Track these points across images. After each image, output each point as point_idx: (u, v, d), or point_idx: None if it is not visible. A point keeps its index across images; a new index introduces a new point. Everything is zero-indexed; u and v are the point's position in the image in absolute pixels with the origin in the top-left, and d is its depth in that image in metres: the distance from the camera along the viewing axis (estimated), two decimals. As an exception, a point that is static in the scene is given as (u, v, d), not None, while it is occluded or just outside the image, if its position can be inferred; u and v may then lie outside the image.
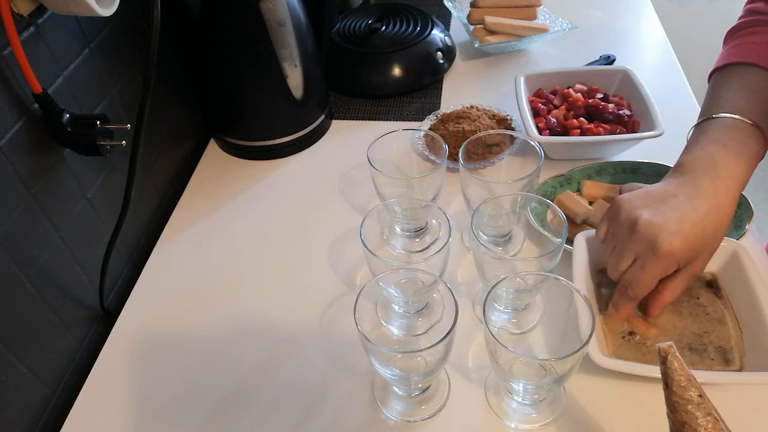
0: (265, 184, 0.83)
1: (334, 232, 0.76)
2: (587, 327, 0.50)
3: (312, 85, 0.85)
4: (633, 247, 0.55)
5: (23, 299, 0.55)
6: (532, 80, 0.87)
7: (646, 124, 0.78)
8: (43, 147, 0.57)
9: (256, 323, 0.66)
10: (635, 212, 0.55)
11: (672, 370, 0.42)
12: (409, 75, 0.95)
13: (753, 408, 0.56)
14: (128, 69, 0.71)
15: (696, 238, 0.53)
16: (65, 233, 0.61)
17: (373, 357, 0.52)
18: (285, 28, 0.77)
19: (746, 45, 0.64)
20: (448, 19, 1.14)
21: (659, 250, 0.53)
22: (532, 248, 0.71)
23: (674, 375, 0.42)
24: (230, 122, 0.86)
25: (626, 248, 0.55)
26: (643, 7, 1.14)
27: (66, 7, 0.52)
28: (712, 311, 0.60)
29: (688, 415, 0.41)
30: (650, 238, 0.53)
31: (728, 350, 0.57)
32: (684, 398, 0.41)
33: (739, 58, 0.63)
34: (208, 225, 0.78)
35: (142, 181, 0.76)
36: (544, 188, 0.74)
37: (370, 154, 0.68)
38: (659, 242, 0.52)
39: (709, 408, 0.41)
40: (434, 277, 0.57)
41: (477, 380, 0.59)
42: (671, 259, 0.53)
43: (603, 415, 0.56)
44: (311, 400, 0.59)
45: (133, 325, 0.67)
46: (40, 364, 0.58)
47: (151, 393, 0.61)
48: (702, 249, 0.54)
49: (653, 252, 0.53)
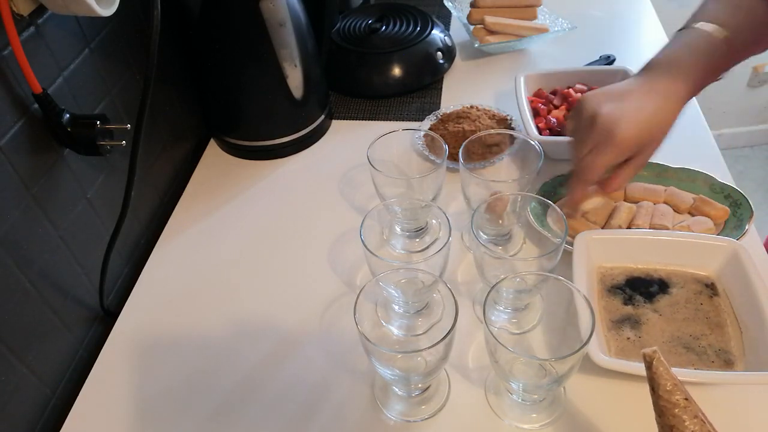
0: (265, 184, 0.83)
1: (334, 232, 0.76)
2: (587, 327, 0.50)
3: (312, 85, 0.85)
4: (592, 137, 0.60)
5: (23, 299, 0.55)
6: (532, 80, 0.87)
7: (646, 124, 0.78)
8: (43, 147, 0.57)
9: (256, 323, 0.66)
10: (596, 107, 0.60)
11: (658, 374, 0.43)
12: (409, 75, 0.95)
13: (753, 408, 0.56)
14: (128, 69, 0.71)
15: (648, 128, 0.59)
16: (65, 233, 0.61)
17: (373, 357, 0.52)
18: (285, 28, 0.77)
19: None
20: (448, 19, 1.14)
21: (615, 138, 0.58)
22: (532, 248, 0.71)
23: (660, 379, 0.43)
24: (230, 122, 0.86)
25: (587, 138, 0.61)
26: (643, 7, 1.14)
27: (66, 7, 0.52)
28: (712, 313, 0.60)
29: (675, 418, 0.42)
30: (607, 128, 0.59)
31: (728, 351, 0.57)
32: (671, 402, 0.42)
33: None
34: (208, 225, 0.78)
35: (142, 181, 0.76)
36: (544, 188, 0.74)
37: (370, 154, 0.68)
38: (615, 131, 0.58)
39: (696, 410, 0.42)
40: (434, 277, 0.57)
41: (477, 380, 0.59)
42: (624, 146, 0.59)
43: (603, 415, 0.56)
44: (311, 400, 0.59)
45: (133, 325, 0.67)
46: (40, 364, 0.58)
47: (151, 393, 0.61)
48: (652, 139, 0.60)
49: (609, 140, 0.59)
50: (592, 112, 0.60)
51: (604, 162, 0.60)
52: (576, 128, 0.63)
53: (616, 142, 0.58)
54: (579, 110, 0.63)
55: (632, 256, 0.64)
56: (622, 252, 0.64)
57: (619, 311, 0.61)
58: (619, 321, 0.60)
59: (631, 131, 0.58)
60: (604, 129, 0.59)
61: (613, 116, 0.59)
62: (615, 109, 0.59)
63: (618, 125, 0.58)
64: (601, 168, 0.60)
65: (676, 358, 0.57)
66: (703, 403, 0.43)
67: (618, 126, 0.58)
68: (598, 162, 0.60)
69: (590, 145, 0.60)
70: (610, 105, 0.60)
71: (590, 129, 0.60)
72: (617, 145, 0.59)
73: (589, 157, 0.61)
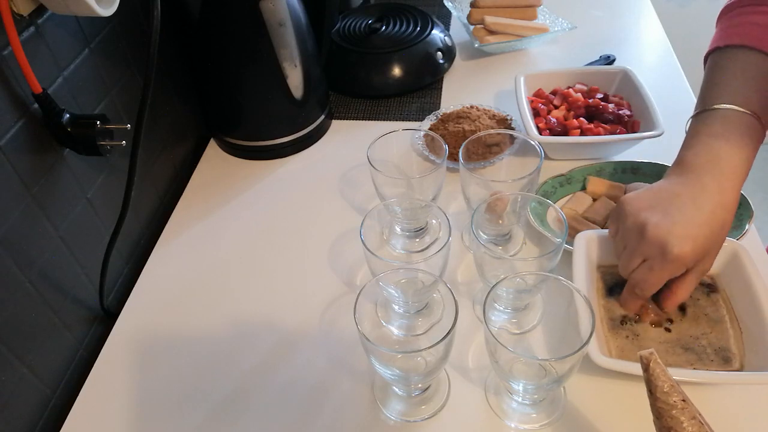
0: (265, 184, 0.83)
1: (334, 232, 0.76)
2: (587, 327, 0.50)
3: (312, 85, 0.85)
4: (642, 250, 0.55)
5: (23, 299, 0.55)
6: (532, 80, 0.87)
7: (646, 124, 0.78)
8: (43, 147, 0.57)
9: (256, 323, 0.66)
10: (642, 216, 0.55)
11: (655, 376, 0.43)
12: (409, 75, 0.95)
13: (753, 408, 0.56)
14: (128, 69, 0.71)
15: (704, 238, 0.53)
16: (65, 233, 0.61)
17: (373, 357, 0.52)
18: (285, 28, 0.77)
19: (746, 26, 0.60)
20: (448, 19, 1.14)
21: (669, 254, 0.53)
22: (532, 248, 0.71)
23: (657, 381, 0.43)
24: (230, 122, 0.86)
25: (636, 250, 0.55)
26: (643, 7, 1.14)
27: (66, 7, 0.52)
28: (711, 312, 0.60)
29: (673, 420, 0.42)
30: (659, 242, 0.53)
31: (727, 348, 0.57)
32: (668, 404, 0.42)
33: (737, 40, 0.60)
34: (208, 225, 0.78)
35: (142, 181, 0.76)
36: (544, 188, 0.74)
37: (370, 154, 0.68)
38: (669, 247, 0.52)
39: (693, 412, 0.42)
40: (434, 277, 0.57)
41: (477, 380, 0.59)
42: (681, 263, 0.53)
43: (603, 415, 0.56)
44: (311, 400, 0.59)
45: (133, 325, 0.67)
46: (40, 364, 0.58)
47: (151, 393, 0.61)
48: (710, 248, 0.55)
49: (663, 256, 0.53)
50: (640, 223, 0.54)
51: (659, 279, 0.55)
52: (621, 235, 0.57)
53: (671, 258, 0.53)
54: (622, 215, 0.57)
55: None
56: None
57: (620, 311, 0.61)
58: (619, 321, 0.60)
59: (686, 247, 0.52)
60: (655, 244, 0.53)
61: (663, 229, 0.53)
62: (664, 221, 0.53)
63: (670, 241, 0.52)
64: (658, 284, 0.56)
65: (674, 359, 0.57)
66: (702, 403, 0.43)
67: (670, 243, 0.52)
68: (653, 279, 0.55)
69: (640, 257, 0.55)
70: (658, 216, 0.54)
71: (639, 240, 0.55)
72: (672, 261, 0.53)
73: (642, 272, 0.55)
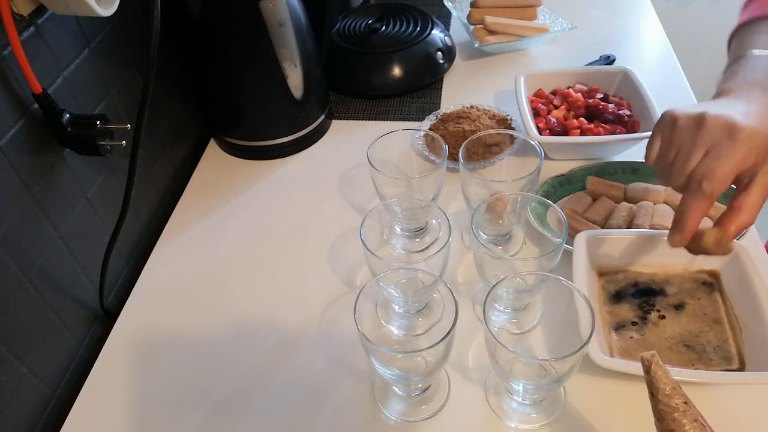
0: (265, 184, 0.83)
1: (334, 232, 0.76)
2: (587, 327, 0.50)
3: (312, 85, 0.85)
4: (704, 139, 0.47)
5: (23, 299, 0.55)
6: (532, 80, 0.87)
7: (646, 124, 0.78)
8: (43, 147, 0.57)
9: (256, 323, 0.66)
10: (696, 109, 0.49)
11: (656, 378, 0.43)
12: (409, 75, 0.95)
13: (753, 408, 0.56)
14: (128, 69, 0.71)
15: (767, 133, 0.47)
16: (65, 233, 0.61)
17: (373, 357, 0.52)
18: (285, 28, 0.77)
19: None
20: (448, 19, 1.14)
21: (740, 133, 0.46)
22: (532, 248, 0.71)
23: (659, 383, 0.43)
24: (230, 122, 0.86)
25: (695, 144, 0.48)
26: (643, 7, 1.14)
27: (66, 7, 0.52)
28: (711, 311, 0.60)
29: (675, 422, 0.42)
30: (725, 124, 0.46)
31: (726, 348, 0.57)
32: (670, 406, 0.42)
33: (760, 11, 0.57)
34: (208, 225, 0.78)
35: (142, 181, 0.76)
36: (544, 188, 0.74)
37: (370, 154, 0.68)
38: (738, 126, 0.46)
39: (695, 414, 0.42)
40: (434, 277, 0.57)
41: (477, 380, 0.59)
42: (752, 143, 0.46)
43: (603, 415, 0.56)
44: (311, 400, 0.59)
45: (133, 325, 0.67)
46: (40, 364, 0.58)
47: (151, 393, 0.61)
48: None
49: (731, 138, 0.46)
50: (696, 115, 0.48)
51: (730, 167, 0.46)
52: (670, 141, 0.50)
53: (742, 137, 0.46)
54: (668, 120, 0.51)
55: (632, 256, 0.64)
56: (622, 252, 0.64)
57: (621, 311, 0.61)
58: (622, 321, 0.60)
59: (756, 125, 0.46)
60: (720, 126, 0.47)
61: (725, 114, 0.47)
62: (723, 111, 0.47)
63: (738, 120, 0.46)
64: (729, 174, 0.47)
65: (677, 357, 0.57)
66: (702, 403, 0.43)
67: (738, 121, 0.46)
68: (723, 166, 0.46)
69: (702, 148, 0.47)
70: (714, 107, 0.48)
71: (698, 131, 0.48)
72: (743, 141, 0.46)
73: (709, 162, 0.47)
